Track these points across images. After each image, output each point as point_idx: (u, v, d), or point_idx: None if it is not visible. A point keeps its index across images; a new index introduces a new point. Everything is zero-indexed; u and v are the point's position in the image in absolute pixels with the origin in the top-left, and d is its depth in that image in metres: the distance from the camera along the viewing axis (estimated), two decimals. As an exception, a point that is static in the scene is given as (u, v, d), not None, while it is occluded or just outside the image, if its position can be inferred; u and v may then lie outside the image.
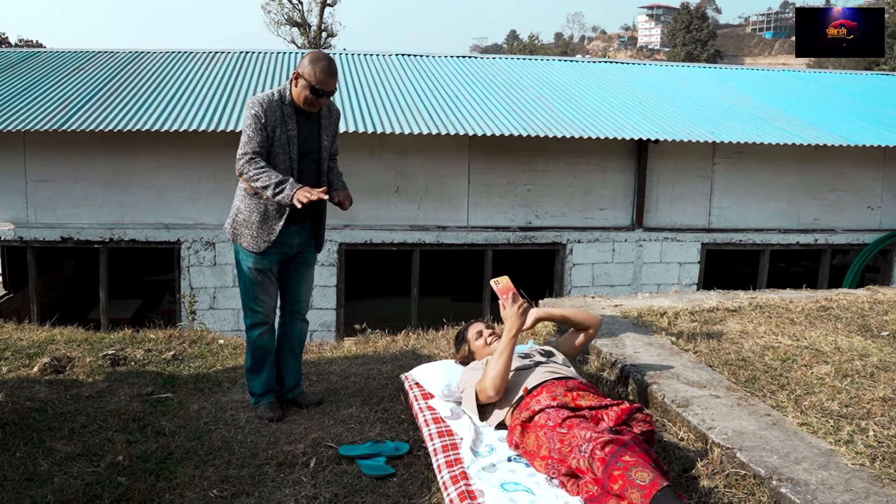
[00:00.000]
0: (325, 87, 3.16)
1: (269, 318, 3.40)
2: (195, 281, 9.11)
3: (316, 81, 3.14)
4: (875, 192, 10.37)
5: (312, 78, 3.14)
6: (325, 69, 3.16)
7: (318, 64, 3.16)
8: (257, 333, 3.38)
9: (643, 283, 9.85)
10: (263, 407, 3.37)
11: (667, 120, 9.82)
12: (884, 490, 2.27)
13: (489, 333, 3.29)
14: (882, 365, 3.42)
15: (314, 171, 3.36)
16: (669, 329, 4.04)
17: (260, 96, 3.23)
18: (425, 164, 9.40)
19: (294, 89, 3.22)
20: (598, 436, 2.31)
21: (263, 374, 3.42)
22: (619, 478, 2.17)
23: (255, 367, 3.43)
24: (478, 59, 13.57)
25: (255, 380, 3.43)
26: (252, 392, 3.46)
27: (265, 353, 3.42)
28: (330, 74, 3.17)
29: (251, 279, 3.33)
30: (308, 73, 3.15)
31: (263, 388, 3.42)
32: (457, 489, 2.42)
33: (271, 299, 3.39)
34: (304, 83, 3.17)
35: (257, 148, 3.21)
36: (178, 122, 8.42)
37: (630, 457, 2.21)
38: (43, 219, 9.02)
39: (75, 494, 2.60)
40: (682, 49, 68.33)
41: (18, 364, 4.05)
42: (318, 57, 3.20)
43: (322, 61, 3.17)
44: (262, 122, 3.18)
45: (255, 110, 3.19)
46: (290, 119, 3.24)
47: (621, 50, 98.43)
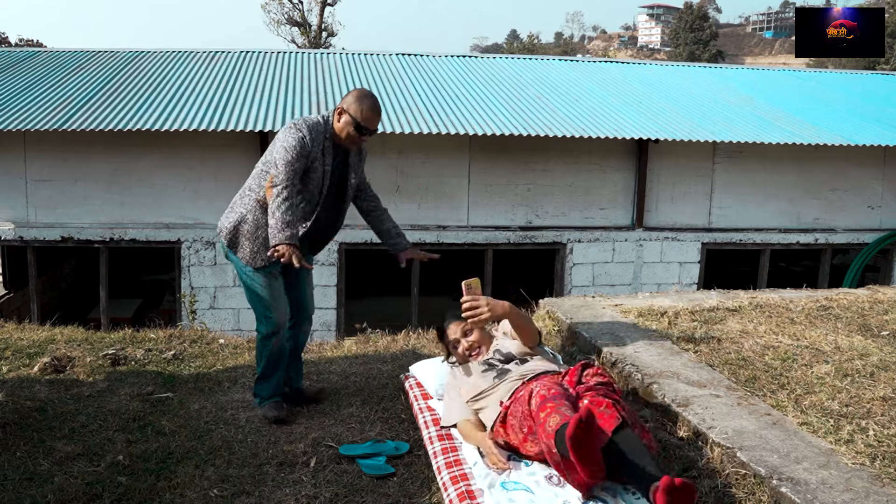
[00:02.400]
0: (370, 125, 3.13)
1: (284, 323, 3.30)
2: (195, 280, 9.11)
3: (362, 119, 3.10)
4: (875, 191, 10.37)
5: (359, 115, 3.09)
6: (372, 107, 3.12)
7: (365, 102, 3.11)
8: (274, 341, 3.28)
9: (643, 283, 9.85)
10: (269, 406, 3.32)
11: (667, 119, 9.82)
12: (884, 489, 2.27)
13: (466, 346, 3.08)
14: (882, 364, 3.42)
15: (333, 208, 3.28)
16: (669, 329, 4.04)
17: (309, 121, 3.14)
18: (425, 163, 9.40)
19: (336, 124, 3.14)
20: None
21: (274, 379, 3.37)
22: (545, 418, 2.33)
23: (267, 373, 3.35)
24: (478, 59, 13.57)
25: (266, 384, 3.37)
26: (259, 395, 3.40)
27: (280, 359, 3.36)
28: (376, 113, 3.14)
29: (261, 286, 3.22)
30: (354, 109, 3.10)
31: (272, 392, 3.37)
32: (456, 489, 2.42)
33: (284, 304, 3.31)
34: (348, 119, 3.11)
35: (296, 179, 3.06)
36: (178, 121, 8.42)
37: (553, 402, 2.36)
38: (43, 218, 9.02)
39: (75, 494, 2.60)
40: (684, 49, 68.37)
41: (19, 364, 4.05)
42: (364, 94, 3.15)
43: (368, 99, 3.13)
44: (307, 150, 3.07)
45: (302, 134, 3.07)
46: (328, 153, 3.17)
47: (622, 49, 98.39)
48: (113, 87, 9.83)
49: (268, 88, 10.10)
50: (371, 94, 3.18)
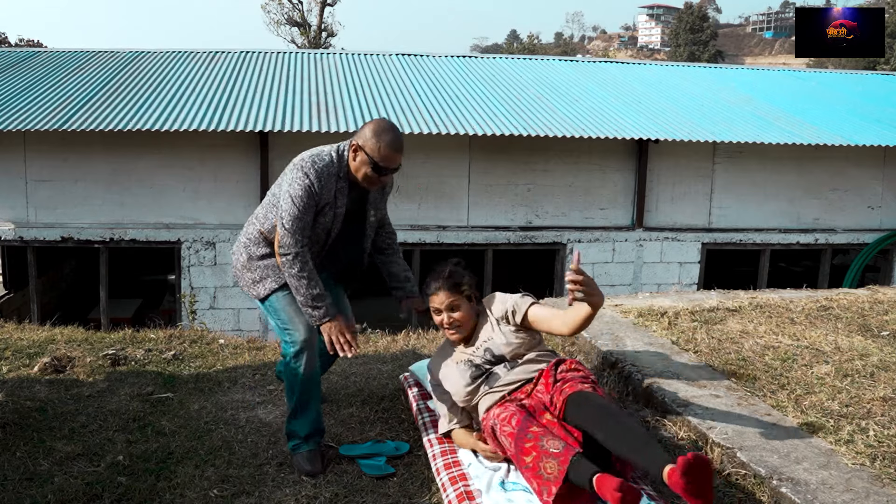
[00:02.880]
0: (389, 164, 2.73)
1: (312, 339, 2.77)
2: (195, 281, 9.11)
3: (380, 158, 2.70)
4: (875, 191, 10.37)
5: (376, 153, 2.70)
6: (391, 144, 2.71)
7: (384, 138, 2.70)
8: (304, 361, 2.77)
9: (643, 283, 9.85)
10: (304, 456, 2.80)
11: (667, 119, 9.82)
12: (884, 490, 2.27)
13: (446, 323, 2.72)
14: (882, 365, 3.42)
15: (345, 247, 2.92)
16: (669, 329, 4.04)
17: (318, 162, 2.72)
18: (425, 163, 9.40)
19: (352, 162, 2.75)
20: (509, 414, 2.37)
21: (311, 412, 2.85)
22: (531, 450, 2.21)
23: (303, 403, 2.84)
24: (478, 59, 13.57)
25: (302, 420, 2.84)
26: (295, 435, 2.86)
27: (313, 384, 2.85)
28: (396, 150, 2.73)
29: (274, 308, 2.82)
30: (371, 147, 2.70)
31: (311, 429, 2.85)
32: (455, 490, 2.42)
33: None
34: (364, 158, 2.71)
35: (306, 233, 2.70)
36: (178, 122, 8.42)
37: (537, 427, 2.28)
38: (43, 218, 9.02)
39: (75, 494, 2.60)
40: (684, 49, 68.41)
41: (19, 364, 4.05)
42: (382, 128, 2.73)
43: (387, 134, 2.72)
44: (315, 199, 2.69)
45: (309, 181, 2.67)
46: (342, 194, 2.77)
47: (621, 50, 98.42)
48: (113, 87, 9.83)
49: (268, 88, 10.10)
50: (391, 127, 2.77)
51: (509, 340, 2.65)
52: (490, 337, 2.68)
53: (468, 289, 2.74)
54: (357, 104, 9.50)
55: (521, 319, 2.65)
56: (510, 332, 2.67)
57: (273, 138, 8.99)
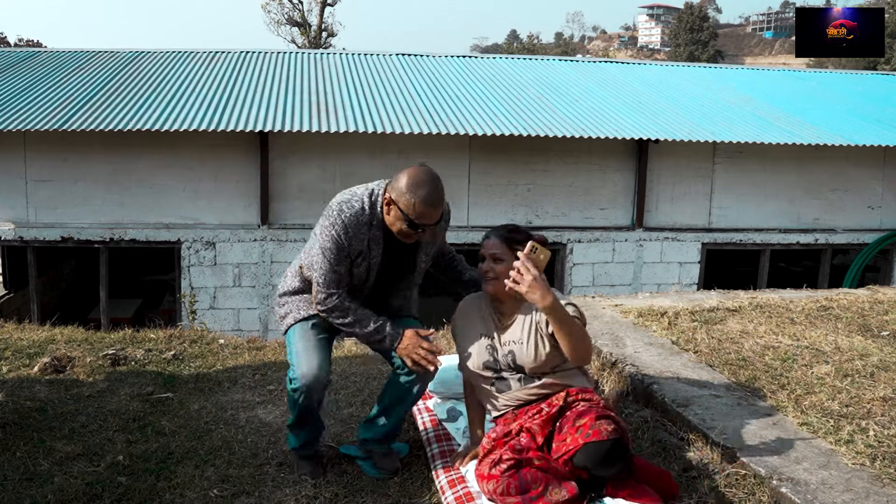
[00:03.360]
0: (427, 221, 2.46)
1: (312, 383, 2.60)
2: (195, 281, 9.11)
3: (416, 216, 2.43)
4: (875, 191, 10.37)
5: (411, 210, 2.42)
6: (426, 199, 2.42)
7: (419, 193, 2.42)
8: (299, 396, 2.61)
9: (643, 283, 9.85)
10: (301, 460, 2.78)
11: (667, 119, 9.82)
12: (884, 490, 2.27)
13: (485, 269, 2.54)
14: (882, 365, 3.42)
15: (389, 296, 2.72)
16: (669, 329, 4.04)
17: (346, 212, 2.52)
18: (425, 163, 9.39)
19: (386, 216, 2.51)
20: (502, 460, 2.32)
21: (304, 435, 2.77)
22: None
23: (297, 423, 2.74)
24: (478, 59, 13.57)
25: (297, 434, 2.79)
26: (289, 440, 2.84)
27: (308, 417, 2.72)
28: (433, 205, 2.44)
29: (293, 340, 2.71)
30: (405, 203, 2.43)
31: (302, 444, 2.79)
32: (454, 492, 2.42)
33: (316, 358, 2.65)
34: (398, 213, 2.45)
35: (342, 284, 2.56)
36: (178, 122, 8.42)
37: (531, 475, 2.28)
38: (43, 218, 9.02)
39: (75, 494, 2.60)
40: (684, 49, 68.44)
41: (19, 364, 4.05)
42: (417, 181, 2.44)
43: (423, 188, 2.43)
44: (345, 252, 2.52)
45: (335, 231, 2.50)
46: (376, 245, 2.55)
47: (622, 50, 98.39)
48: (113, 87, 9.83)
49: (268, 88, 10.10)
50: (427, 178, 2.46)
51: (537, 355, 2.46)
52: (520, 340, 2.50)
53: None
54: (357, 104, 9.50)
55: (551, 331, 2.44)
56: (542, 342, 2.46)
57: (273, 138, 8.99)
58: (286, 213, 9.27)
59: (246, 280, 9.15)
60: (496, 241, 2.54)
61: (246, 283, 9.16)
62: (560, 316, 2.31)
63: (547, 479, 2.28)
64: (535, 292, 2.28)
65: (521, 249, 2.40)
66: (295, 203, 9.28)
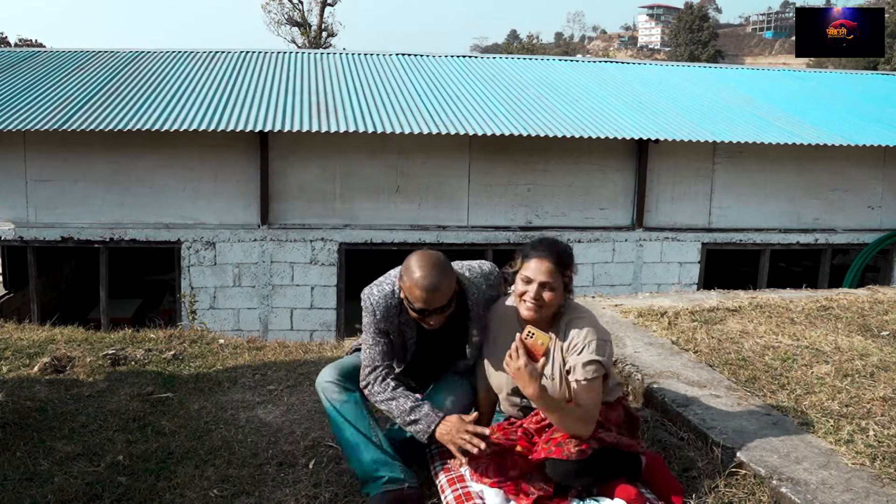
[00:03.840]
0: (427, 305, 2.36)
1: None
2: (195, 281, 9.11)
3: (414, 300, 2.37)
4: (875, 191, 10.37)
5: (411, 295, 2.37)
6: (421, 284, 2.33)
7: (414, 277, 2.34)
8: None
9: (643, 283, 9.85)
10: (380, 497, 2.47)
11: (667, 119, 9.82)
12: (884, 490, 2.27)
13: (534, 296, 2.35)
14: (882, 364, 3.42)
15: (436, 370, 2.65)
16: (669, 329, 4.04)
17: (375, 296, 2.51)
18: (425, 163, 9.40)
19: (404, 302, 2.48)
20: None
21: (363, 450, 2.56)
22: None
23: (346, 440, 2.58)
24: (478, 59, 13.57)
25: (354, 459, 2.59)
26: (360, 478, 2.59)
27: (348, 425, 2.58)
28: (429, 289, 2.32)
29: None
30: (406, 288, 2.39)
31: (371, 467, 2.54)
32: (453, 491, 2.42)
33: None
34: (405, 299, 2.44)
35: (384, 360, 2.53)
36: (178, 122, 8.42)
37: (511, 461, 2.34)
38: (43, 218, 9.02)
39: (75, 494, 2.60)
40: (684, 49, 68.44)
41: (19, 364, 4.05)
42: (414, 265, 2.37)
43: (419, 272, 2.34)
44: (381, 329, 2.52)
45: (369, 316, 2.51)
46: (408, 328, 2.53)
47: (622, 50, 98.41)
48: (113, 87, 9.83)
49: (268, 88, 10.10)
50: (426, 262, 2.36)
51: (568, 394, 2.38)
52: (552, 375, 2.40)
53: (569, 279, 2.42)
54: (357, 104, 9.50)
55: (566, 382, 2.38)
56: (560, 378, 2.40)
57: (273, 138, 9.00)
58: (286, 213, 9.28)
59: (246, 280, 9.16)
60: (551, 263, 2.35)
61: (246, 283, 9.16)
62: (545, 404, 2.26)
63: (528, 467, 2.34)
64: (519, 381, 2.25)
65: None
66: (295, 203, 9.28)
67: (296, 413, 3.40)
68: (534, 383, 2.22)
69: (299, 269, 9.22)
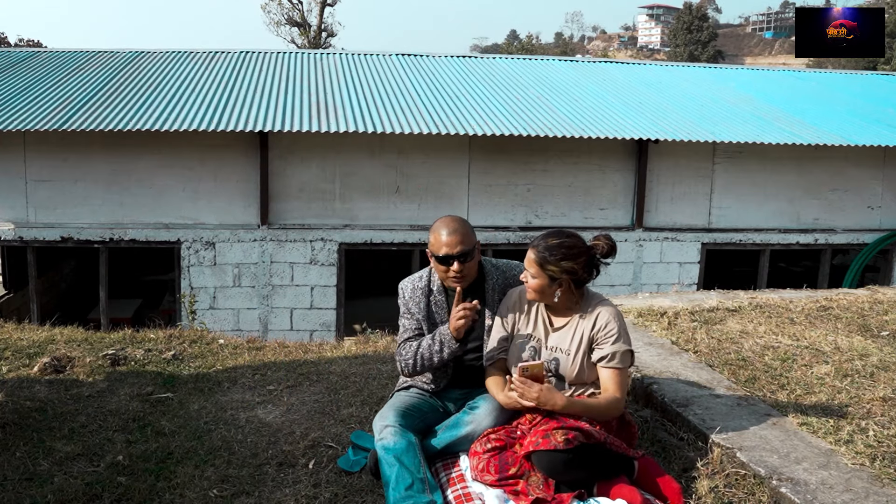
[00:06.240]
0: (450, 249, 2.61)
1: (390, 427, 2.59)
2: (195, 281, 9.11)
3: (436, 247, 2.64)
4: (875, 191, 10.37)
5: (433, 246, 2.67)
6: (441, 230, 2.65)
7: (437, 229, 2.68)
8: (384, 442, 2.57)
9: (643, 283, 9.85)
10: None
11: (667, 120, 9.82)
12: (884, 490, 2.27)
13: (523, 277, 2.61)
14: (882, 365, 3.42)
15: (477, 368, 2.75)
16: (669, 329, 4.04)
17: (405, 282, 2.83)
18: (425, 163, 9.40)
19: (435, 272, 2.76)
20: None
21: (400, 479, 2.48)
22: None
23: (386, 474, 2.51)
24: (478, 59, 13.57)
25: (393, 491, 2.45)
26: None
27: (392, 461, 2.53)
28: (451, 233, 2.62)
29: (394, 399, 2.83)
30: (431, 242, 2.69)
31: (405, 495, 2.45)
32: (453, 492, 2.42)
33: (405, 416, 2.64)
34: (431, 256, 2.70)
35: (411, 334, 2.77)
36: (178, 122, 8.42)
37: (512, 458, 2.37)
38: (43, 218, 9.02)
39: (75, 494, 2.60)
40: (684, 49, 68.43)
41: (18, 364, 4.05)
42: (437, 223, 2.72)
43: (441, 225, 2.69)
44: (410, 310, 2.79)
45: (401, 297, 2.81)
46: (440, 308, 2.77)
47: (621, 50, 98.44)
48: (113, 87, 9.83)
49: (268, 88, 10.10)
50: (448, 219, 2.72)
51: (581, 370, 2.53)
52: (568, 350, 2.55)
53: (556, 273, 2.54)
54: (357, 104, 9.50)
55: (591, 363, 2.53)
56: (587, 360, 2.53)
57: (273, 138, 9.00)
58: (286, 213, 9.28)
59: (245, 280, 9.16)
60: (532, 260, 2.58)
61: (245, 284, 9.16)
62: (576, 410, 2.42)
63: (527, 464, 2.35)
64: (546, 405, 2.40)
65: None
66: (295, 203, 9.28)
67: (296, 413, 3.40)
68: (557, 397, 2.41)
69: (299, 269, 9.23)
